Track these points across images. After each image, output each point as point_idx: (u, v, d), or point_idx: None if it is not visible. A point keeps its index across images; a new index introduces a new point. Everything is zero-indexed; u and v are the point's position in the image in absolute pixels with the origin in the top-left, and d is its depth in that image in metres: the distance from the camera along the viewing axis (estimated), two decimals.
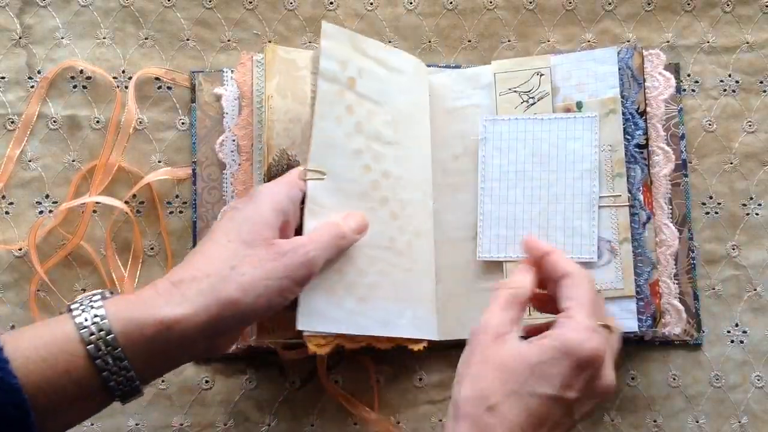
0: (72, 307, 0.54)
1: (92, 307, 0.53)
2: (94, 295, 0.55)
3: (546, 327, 0.59)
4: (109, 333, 0.53)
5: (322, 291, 0.66)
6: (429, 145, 0.75)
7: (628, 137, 0.71)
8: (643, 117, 0.72)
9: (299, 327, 0.66)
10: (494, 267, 0.73)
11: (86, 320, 0.53)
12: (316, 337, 0.67)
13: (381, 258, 0.69)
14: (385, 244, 0.70)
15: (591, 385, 0.57)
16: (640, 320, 0.69)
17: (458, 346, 0.75)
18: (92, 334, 0.52)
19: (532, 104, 0.71)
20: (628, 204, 0.70)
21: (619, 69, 0.72)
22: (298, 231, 0.64)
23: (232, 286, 0.56)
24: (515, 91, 0.72)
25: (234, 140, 0.75)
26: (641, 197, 0.71)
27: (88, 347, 0.52)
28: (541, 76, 0.71)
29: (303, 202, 0.65)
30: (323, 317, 0.66)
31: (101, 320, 0.53)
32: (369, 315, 0.68)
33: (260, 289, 0.57)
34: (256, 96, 0.73)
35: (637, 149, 0.71)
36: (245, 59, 0.75)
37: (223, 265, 0.57)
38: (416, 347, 0.72)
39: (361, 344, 0.70)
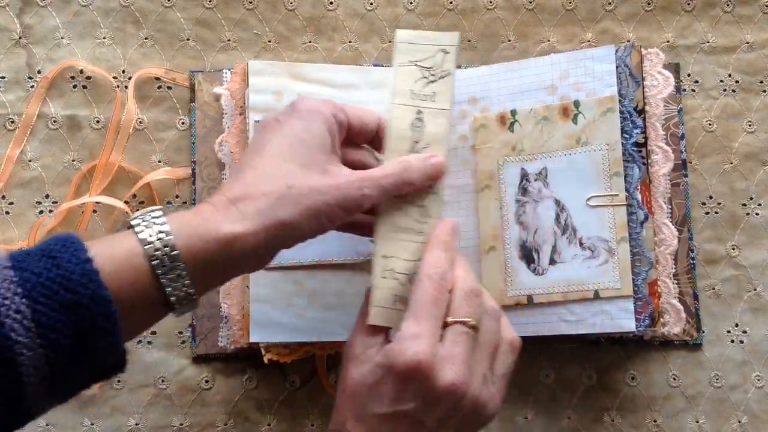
0: (133, 222, 0.54)
1: (155, 223, 0.53)
2: (154, 210, 0.54)
3: None
4: (173, 249, 0.52)
5: (278, 302, 0.70)
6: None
7: (626, 136, 0.71)
8: (641, 115, 0.72)
9: (251, 339, 0.70)
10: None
11: (150, 236, 0.52)
12: (276, 346, 0.71)
13: (349, 268, 0.73)
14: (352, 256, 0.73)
15: (428, 391, 0.55)
16: (637, 320, 0.69)
17: None
18: (157, 249, 0.52)
19: (432, 82, 0.68)
20: (625, 203, 0.70)
21: (617, 67, 0.72)
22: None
23: (289, 208, 0.56)
24: (416, 64, 0.67)
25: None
26: (639, 196, 0.71)
27: (152, 263, 0.52)
28: (445, 53, 0.67)
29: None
30: (279, 327, 0.70)
31: (166, 236, 0.52)
32: (338, 321, 0.71)
33: (315, 212, 0.57)
34: (248, 104, 0.74)
35: (634, 148, 0.71)
36: (238, 68, 0.75)
37: (280, 185, 0.57)
38: None
39: (335, 350, 0.74)
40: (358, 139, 0.65)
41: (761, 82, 0.79)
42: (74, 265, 0.50)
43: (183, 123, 0.78)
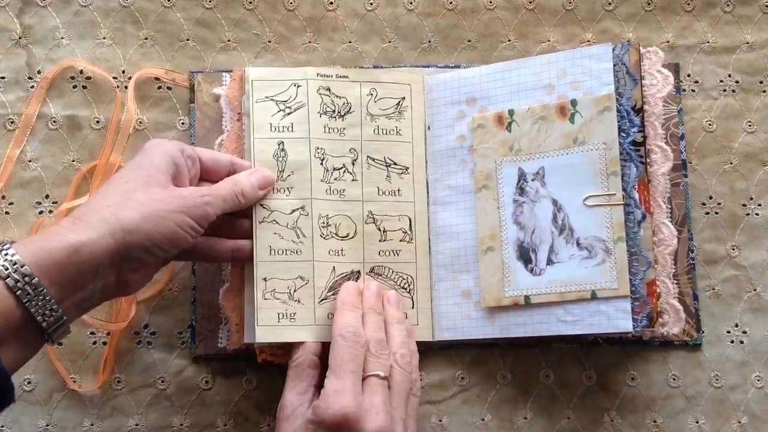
0: None
1: (3, 251, 0.55)
2: (2, 242, 0.56)
3: None
4: (22, 265, 0.54)
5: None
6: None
7: (624, 134, 0.71)
8: (639, 114, 0.72)
9: (249, 340, 0.71)
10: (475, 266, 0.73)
11: (9, 273, 0.54)
12: (270, 347, 0.72)
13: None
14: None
15: None
16: (635, 320, 0.69)
17: (457, 346, 0.75)
18: (7, 269, 0.54)
19: (288, 114, 0.72)
20: (622, 203, 0.70)
21: (614, 65, 0.72)
22: None
23: (132, 212, 0.60)
24: (271, 99, 0.73)
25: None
26: (636, 195, 0.71)
27: (6, 281, 0.54)
28: (298, 87, 0.73)
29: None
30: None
31: (12, 256, 0.55)
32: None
33: (158, 218, 0.61)
34: (245, 110, 0.74)
35: (632, 147, 0.71)
36: (236, 74, 0.75)
37: (122, 196, 0.61)
38: None
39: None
40: (213, 176, 0.70)
41: (761, 82, 0.79)
42: None
43: (183, 123, 0.78)
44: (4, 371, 0.53)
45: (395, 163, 0.74)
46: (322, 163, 0.72)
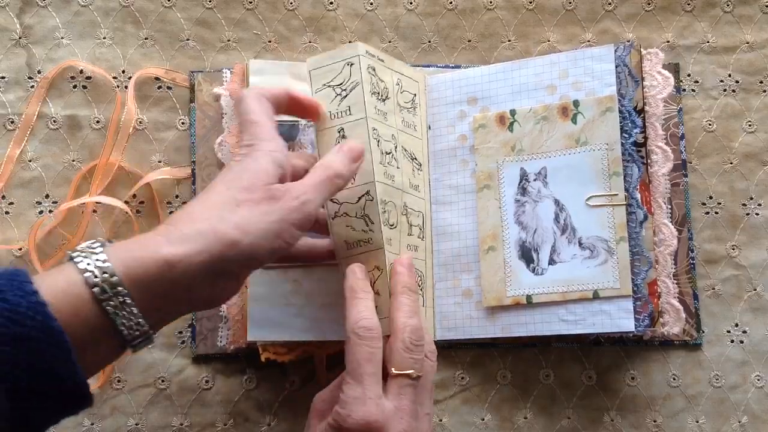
0: (73, 255, 0.53)
1: (93, 253, 0.53)
2: (93, 243, 0.54)
3: None
4: (113, 275, 0.52)
5: (276, 301, 0.71)
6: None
7: (626, 135, 0.71)
8: (641, 115, 0.72)
9: (249, 338, 0.71)
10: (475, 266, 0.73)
11: (88, 265, 0.52)
12: (273, 345, 0.72)
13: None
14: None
15: None
16: (637, 320, 0.69)
17: (458, 346, 0.75)
18: (96, 276, 0.52)
19: (344, 97, 0.68)
20: (624, 203, 0.70)
21: (616, 67, 0.72)
22: None
23: (230, 226, 0.55)
24: (329, 86, 0.68)
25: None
26: (638, 196, 0.71)
27: (93, 290, 0.51)
28: (351, 66, 0.68)
29: None
30: (277, 326, 0.70)
31: (103, 262, 0.52)
32: (335, 320, 0.70)
33: (258, 231, 0.56)
34: None
35: (634, 147, 0.71)
36: (238, 69, 0.75)
37: (222, 208, 0.56)
38: None
39: (335, 350, 0.74)
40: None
41: (761, 82, 0.79)
42: (19, 297, 0.49)
43: (183, 123, 0.78)
44: (83, 379, 0.52)
45: (415, 158, 0.73)
46: (378, 145, 0.68)
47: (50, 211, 0.76)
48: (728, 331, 0.76)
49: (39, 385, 0.49)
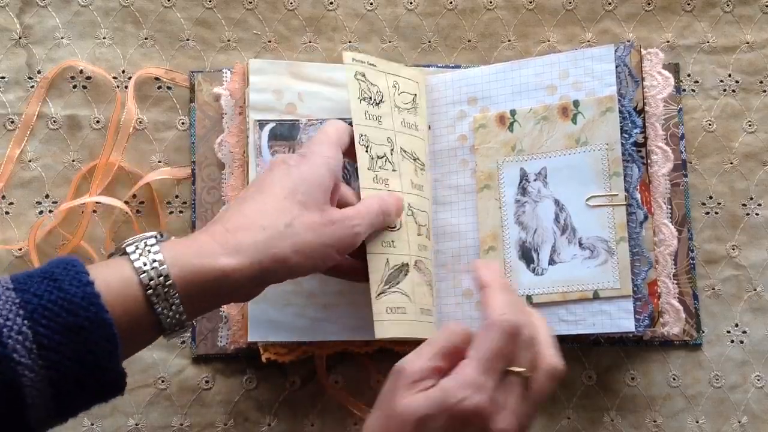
0: (127, 249, 0.54)
1: (150, 251, 0.54)
2: (148, 237, 0.55)
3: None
4: (168, 279, 0.54)
5: (276, 301, 0.71)
6: None
7: (626, 136, 0.71)
8: (641, 115, 0.72)
9: (250, 338, 0.71)
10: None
11: (145, 264, 0.54)
12: (274, 346, 0.72)
13: None
14: None
15: None
16: (637, 320, 0.69)
17: None
18: (151, 279, 0.53)
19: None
20: (624, 203, 0.70)
21: (617, 67, 0.72)
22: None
23: (287, 245, 0.58)
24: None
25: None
26: (638, 196, 0.71)
27: (147, 291, 0.53)
28: None
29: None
30: (277, 327, 0.71)
31: (160, 266, 0.54)
32: (336, 321, 0.71)
33: (310, 252, 0.59)
34: (248, 103, 0.74)
35: (634, 148, 0.71)
36: (238, 68, 0.75)
37: (279, 221, 0.58)
38: (401, 349, 0.73)
39: (335, 350, 0.74)
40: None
41: (761, 82, 0.79)
42: (75, 288, 0.50)
43: (183, 123, 0.78)
44: (122, 371, 0.53)
45: (418, 158, 0.73)
46: (367, 150, 0.69)
47: (50, 211, 0.76)
48: (728, 331, 0.76)
49: (82, 374, 0.50)
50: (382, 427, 0.56)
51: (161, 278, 0.53)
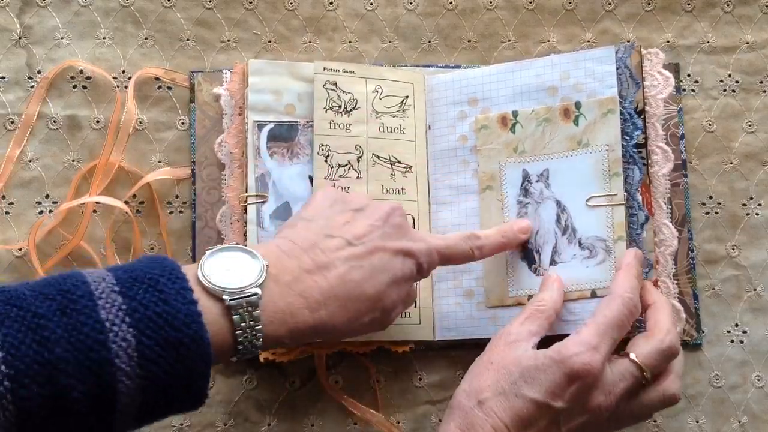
0: (231, 303, 0.55)
1: (250, 314, 0.55)
2: (251, 295, 0.56)
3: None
4: (259, 339, 0.56)
5: None
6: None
7: (627, 137, 0.71)
8: (642, 116, 0.72)
9: None
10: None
11: (243, 323, 0.55)
12: None
13: None
14: None
15: (581, 400, 0.60)
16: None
17: (458, 346, 0.75)
18: (245, 335, 0.55)
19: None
20: (623, 203, 0.70)
21: (617, 68, 0.72)
22: None
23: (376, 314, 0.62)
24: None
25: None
26: (639, 198, 0.71)
27: (238, 346, 0.55)
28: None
29: None
30: None
31: (256, 324, 0.56)
32: None
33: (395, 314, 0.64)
34: (247, 104, 0.74)
35: (635, 149, 0.71)
36: (238, 68, 0.75)
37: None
38: (401, 349, 0.73)
39: (334, 349, 0.74)
40: None
41: (761, 82, 0.79)
42: (181, 304, 0.52)
43: (183, 123, 0.78)
44: (207, 387, 0.54)
45: (399, 162, 0.74)
46: (326, 160, 0.72)
47: (50, 211, 0.76)
48: (728, 331, 0.76)
49: (173, 387, 0.51)
50: (480, 378, 0.62)
51: (254, 339, 0.56)
